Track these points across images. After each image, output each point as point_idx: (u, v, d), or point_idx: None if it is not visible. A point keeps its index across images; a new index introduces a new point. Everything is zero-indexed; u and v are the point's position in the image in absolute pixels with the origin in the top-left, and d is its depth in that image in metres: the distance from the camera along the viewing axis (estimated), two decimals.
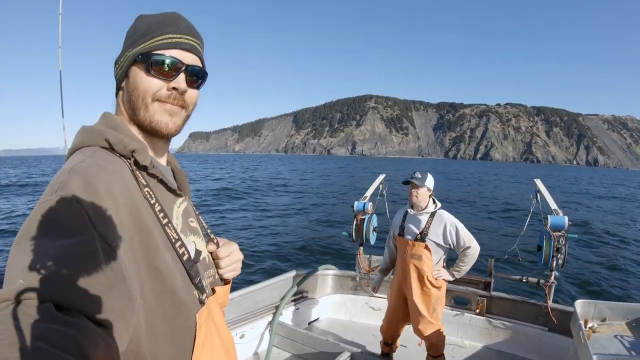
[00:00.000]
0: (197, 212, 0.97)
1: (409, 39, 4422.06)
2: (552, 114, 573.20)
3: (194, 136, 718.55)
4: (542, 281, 3.15)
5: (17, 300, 0.49)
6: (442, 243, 2.82)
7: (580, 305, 2.53)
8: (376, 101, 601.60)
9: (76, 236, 0.58)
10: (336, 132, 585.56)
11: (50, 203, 0.60)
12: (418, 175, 2.87)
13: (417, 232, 2.87)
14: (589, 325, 2.40)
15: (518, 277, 3.36)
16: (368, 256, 3.95)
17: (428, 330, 2.85)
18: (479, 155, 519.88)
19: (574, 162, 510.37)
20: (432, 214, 2.87)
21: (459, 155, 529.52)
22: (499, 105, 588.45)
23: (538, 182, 3.40)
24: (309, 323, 3.93)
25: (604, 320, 2.52)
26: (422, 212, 2.89)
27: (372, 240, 3.84)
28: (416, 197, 2.84)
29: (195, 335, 0.79)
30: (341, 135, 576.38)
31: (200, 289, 0.83)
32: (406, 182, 2.87)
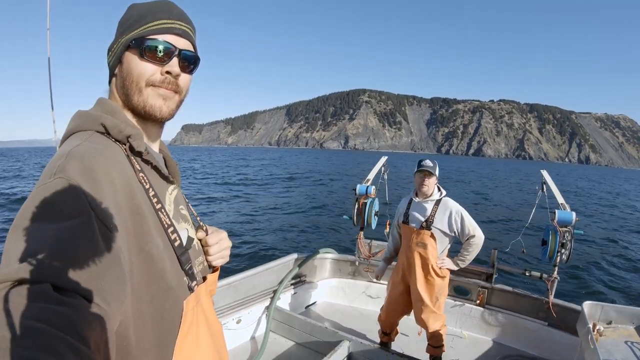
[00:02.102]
0: (187, 200, 0.97)
1: (404, 33, 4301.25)
2: (545, 111, 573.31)
3: (186, 128, 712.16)
4: (545, 275, 3.11)
5: (16, 281, 0.50)
6: (447, 231, 2.78)
7: (588, 306, 2.48)
8: (369, 95, 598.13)
9: (74, 218, 0.58)
10: (329, 125, 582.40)
11: (48, 186, 0.61)
12: (429, 163, 2.79)
13: (423, 219, 2.82)
14: (596, 328, 2.35)
15: (521, 270, 3.31)
16: (368, 241, 3.90)
17: (431, 320, 2.82)
18: (471, 151, 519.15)
19: (566, 160, 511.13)
20: (438, 202, 2.82)
21: (451, 151, 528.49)
22: (492, 101, 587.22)
23: (545, 173, 3.33)
24: (306, 307, 3.88)
25: (609, 323, 2.47)
26: (428, 199, 2.84)
27: (374, 225, 3.78)
28: (427, 186, 2.79)
29: (181, 322, 0.79)
30: (334, 129, 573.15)
31: (190, 275, 0.84)
32: (420, 170, 2.78)
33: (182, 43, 0.82)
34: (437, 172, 2.80)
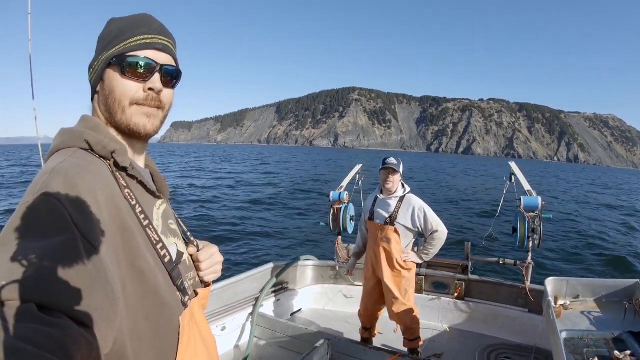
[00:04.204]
0: (176, 215, 0.97)
1: (394, 32, 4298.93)
2: (534, 110, 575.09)
3: (176, 126, 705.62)
4: (519, 262, 3.16)
5: None
6: (410, 226, 2.86)
7: (551, 282, 2.54)
8: (360, 93, 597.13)
9: (58, 236, 0.58)
10: (319, 123, 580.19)
11: (32, 204, 0.60)
12: (394, 161, 2.89)
13: (387, 216, 2.91)
14: (561, 302, 2.41)
15: (495, 260, 3.36)
16: (346, 245, 3.96)
17: (402, 312, 2.89)
18: (460, 150, 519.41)
19: (555, 159, 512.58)
20: (401, 198, 2.91)
21: (441, 149, 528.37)
22: (481, 100, 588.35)
23: (513, 164, 3.41)
24: (292, 314, 3.92)
25: (577, 297, 2.51)
26: (392, 196, 2.93)
27: (350, 229, 3.87)
28: (392, 182, 2.88)
29: (178, 338, 0.78)
30: (324, 127, 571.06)
31: (183, 291, 0.83)
32: (385, 168, 2.88)
33: (163, 58, 0.82)
34: (401, 170, 2.89)
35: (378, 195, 3.02)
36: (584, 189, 33.33)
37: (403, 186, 2.97)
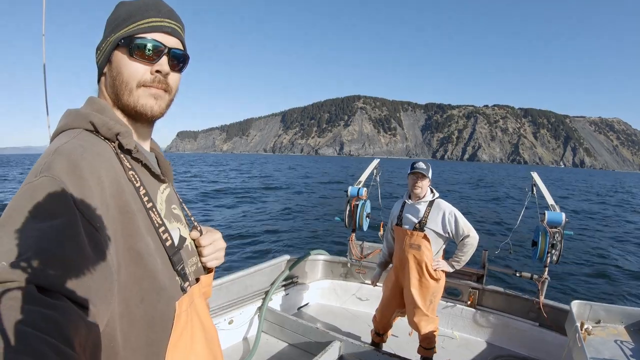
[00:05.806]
0: (180, 200, 0.96)
1: (398, 39, 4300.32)
2: (539, 115, 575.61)
3: (181, 135, 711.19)
4: (535, 276, 3.12)
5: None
6: (441, 232, 2.77)
7: (576, 305, 2.51)
8: (364, 102, 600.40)
9: (59, 218, 0.57)
10: (324, 132, 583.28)
11: (34, 185, 0.60)
12: (422, 165, 2.80)
13: (416, 221, 2.81)
14: (585, 327, 2.37)
15: (512, 271, 3.33)
16: (360, 242, 3.94)
17: (423, 323, 2.83)
18: (466, 156, 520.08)
19: (561, 164, 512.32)
20: (431, 203, 2.82)
21: (446, 156, 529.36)
22: (486, 106, 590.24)
23: (535, 175, 3.36)
24: (299, 308, 3.90)
25: (598, 322, 2.49)
26: (420, 201, 2.84)
27: (365, 227, 3.80)
28: (420, 188, 2.79)
29: (173, 323, 0.77)
30: (329, 136, 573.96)
31: (183, 276, 0.82)
32: (413, 172, 2.79)
33: (171, 41, 0.82)
34: (430, 175, 2.81)
35: (406, 201, 2.92)
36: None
37: (432, 191, 2.89)
